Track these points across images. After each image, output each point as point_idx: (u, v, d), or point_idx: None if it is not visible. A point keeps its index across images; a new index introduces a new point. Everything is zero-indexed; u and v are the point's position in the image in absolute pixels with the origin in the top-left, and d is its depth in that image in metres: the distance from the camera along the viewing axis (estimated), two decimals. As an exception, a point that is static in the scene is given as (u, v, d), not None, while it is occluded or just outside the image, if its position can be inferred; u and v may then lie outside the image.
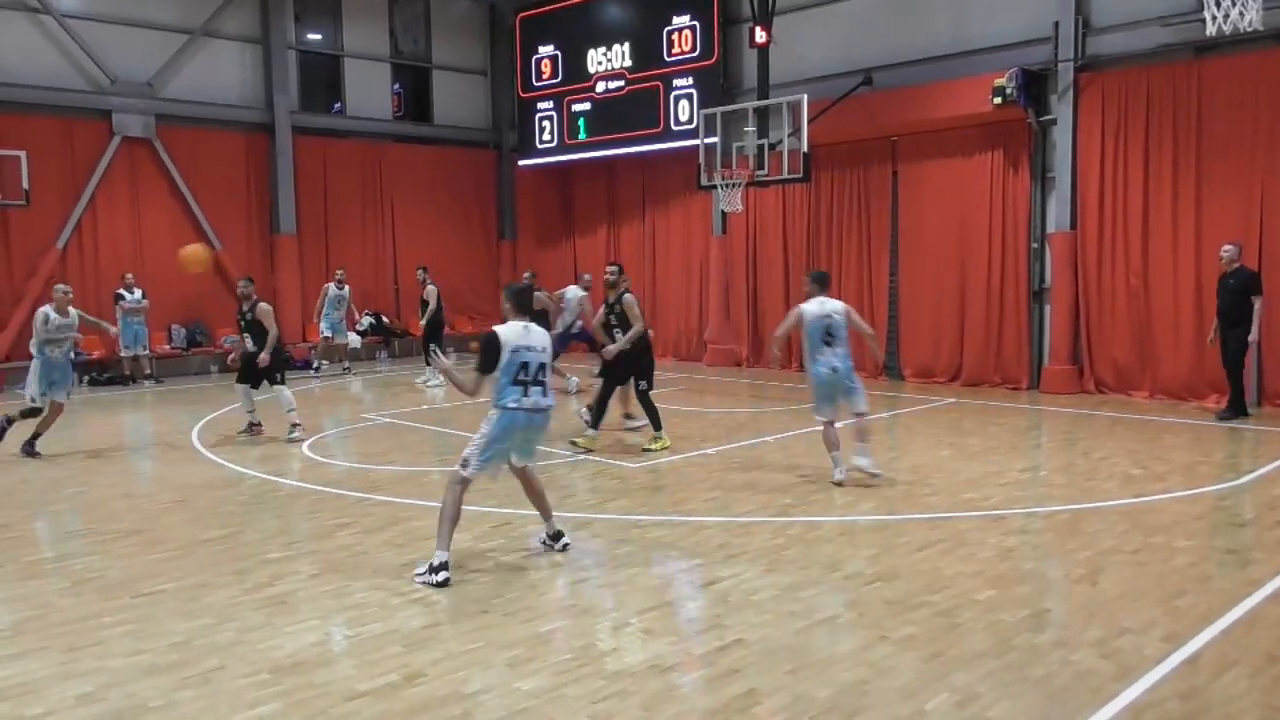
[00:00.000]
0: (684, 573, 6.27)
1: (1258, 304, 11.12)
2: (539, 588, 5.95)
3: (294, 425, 10.86)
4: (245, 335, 10.89)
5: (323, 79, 20.12)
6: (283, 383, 10.96)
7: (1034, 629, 5.16)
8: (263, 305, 10.91)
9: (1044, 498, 8.05)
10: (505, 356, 6.08)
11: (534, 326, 6.29)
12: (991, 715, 4.18)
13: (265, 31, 18.44)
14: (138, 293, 16.17)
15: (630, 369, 10.21)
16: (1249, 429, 10.89)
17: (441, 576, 5.90)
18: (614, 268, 10.33)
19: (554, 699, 4.38)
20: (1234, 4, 6.84)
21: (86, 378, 16.16)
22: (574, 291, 14.23)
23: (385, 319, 20.25)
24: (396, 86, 20.96)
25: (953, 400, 13.42)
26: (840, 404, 8.51)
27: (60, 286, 10.65)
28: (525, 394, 6.13)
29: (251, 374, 10.93)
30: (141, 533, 7.25)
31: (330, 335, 17.61)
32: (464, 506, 6.21)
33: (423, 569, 6.02)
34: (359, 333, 19.66)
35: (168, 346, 17.39)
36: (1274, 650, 4.83)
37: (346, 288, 17.72)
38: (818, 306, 8.47)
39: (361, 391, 15.88)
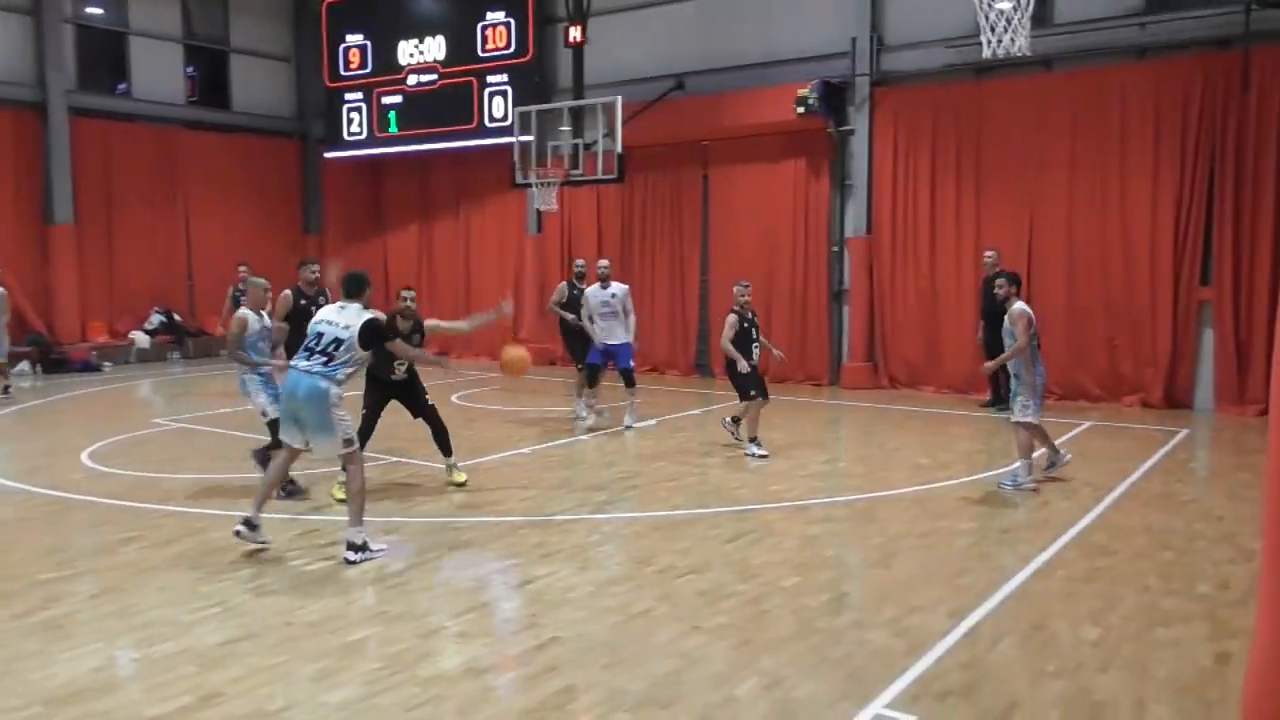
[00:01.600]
0: (499, 573, 6.23)
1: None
2: (348, 595, 5.76)
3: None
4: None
5: (105, 57, 18.66)
6: None
7: (834, 612, 5.44)
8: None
9: (843, 488, 8.49)
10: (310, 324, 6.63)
11: (352, 308, 6.57)
12: (796, 696, 4.38)
13: (37, 1, 16.96)
14: None
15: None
16: (1022, 420, 11.85)
17: (238, 528, 6.40)
18: (410, 292, 8.46)
19: (366, 709, 4.26)
20: (1007, 30, 7.43)
21: None
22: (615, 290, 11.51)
23: (177, 317, 19.02)
24: (190, 69, 19.73)
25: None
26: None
27: (258, 280, 8.38)
28: (307, 358, 6.42)
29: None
30: (-109, 553, 6.52)
31: None
32: (270, 515, 5.91)
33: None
34: (147, 332, 18.42)
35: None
36: (1040, 620, 5.29)
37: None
38: (1030, 309, 8.21)
39: (151, 394, 14.89)
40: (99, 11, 18.50)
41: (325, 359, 6.34)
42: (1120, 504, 7.75)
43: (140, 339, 18.23)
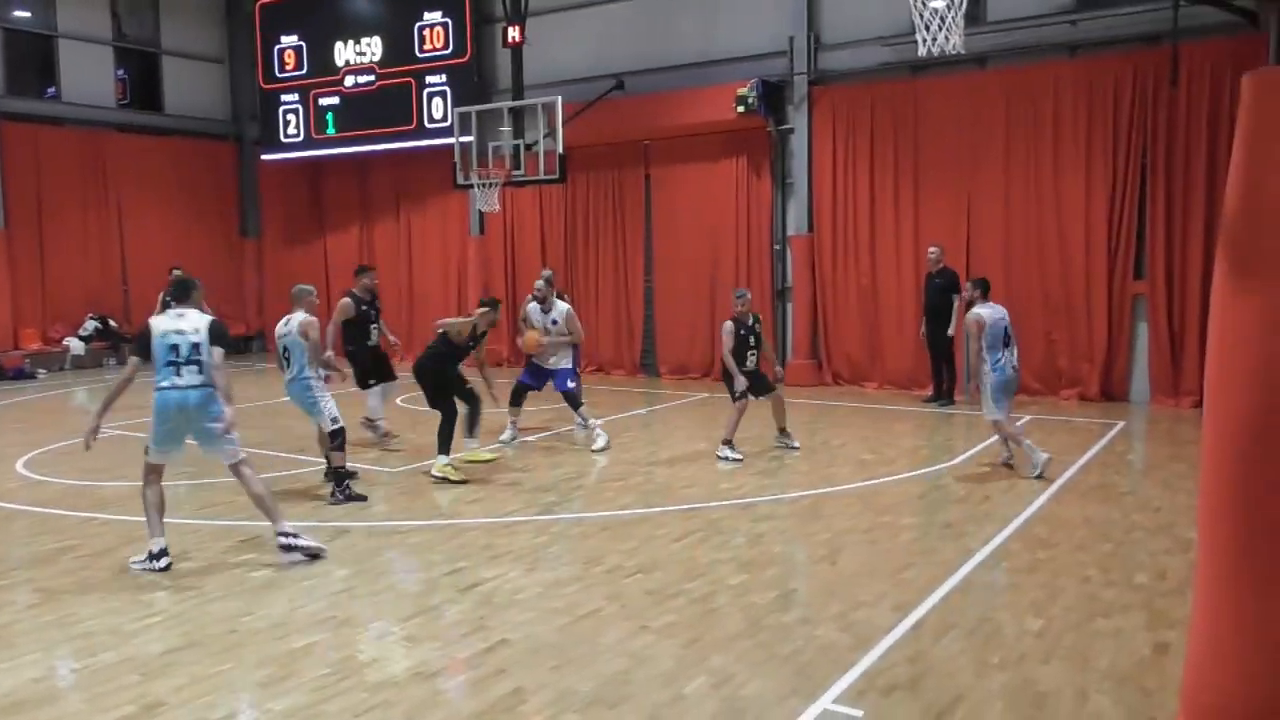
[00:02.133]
0: (447, 576, 6.17)
1: (957, 301, 12.23)
2: (294, 602, 5.67)
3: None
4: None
5: (34, 60, 18.18)
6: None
7: (782, 609, 5.48)
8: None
9: (789, 485, 8.56)
10: (154, 341, 6.26)
11: (189, 312, 6.37)
12: (745, 693, 4.41)
13: (-40, 3, 16.48)
14: None
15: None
16: (961, 414, 12.05)
17: (164, 562, 6.15)
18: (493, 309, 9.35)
19: (312, 716, 4.20)
20: (941, 28, 7.55)
21: None
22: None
23: (113, 322, 18.57)
24: (121, 71, 19.28)
25: (706, 395, 13.98)
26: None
27: (308, 287, 8.43)
28: (178, 374, 6.21)
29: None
30: None
31: None
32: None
33: (141, 558, 6.19)
34: (82, 338, 17.97)
35: None
36: (985, 612, 5.38)
37: None
38: (991, 311, 8.65)
39: (87, 401, 14.52)
40: (26, 15, 18.00)
41: (196, 366, 6.20)
42: (1060, 496, 7.92)
43: (75, 345, 17.80)
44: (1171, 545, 6.56)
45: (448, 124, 15.97)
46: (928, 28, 7.64)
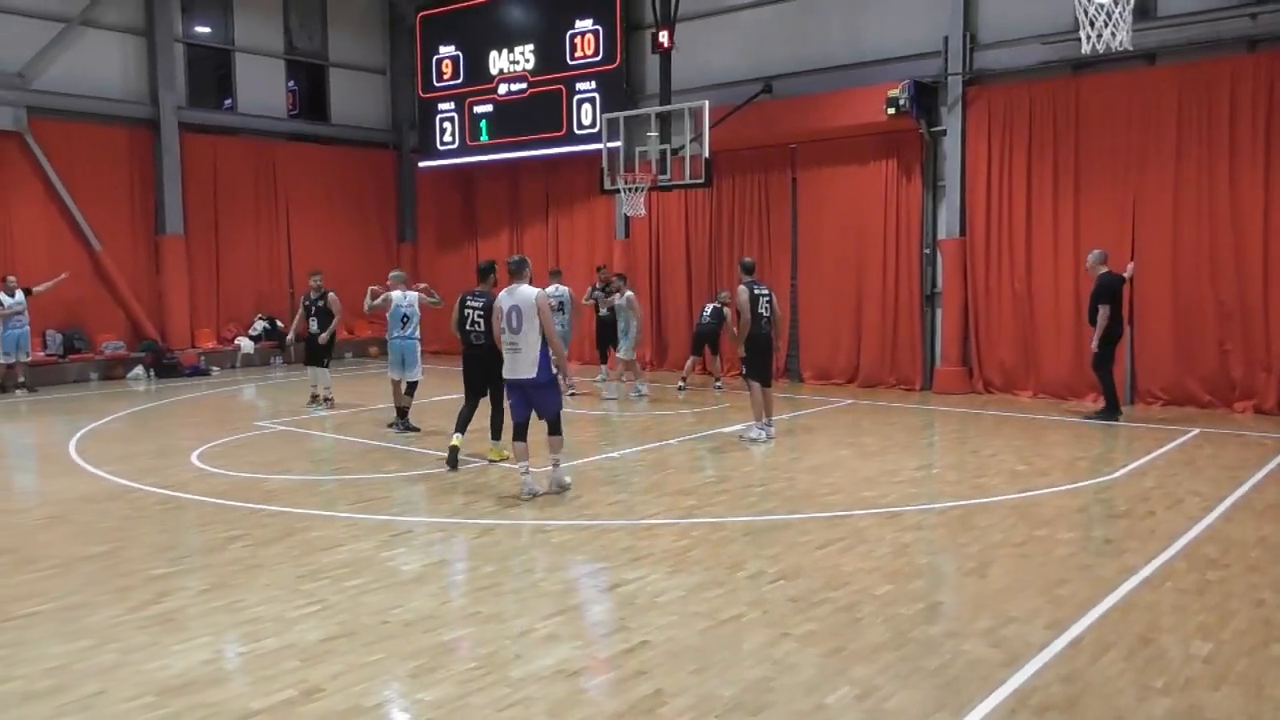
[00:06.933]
0: (589, 576, 6.27)
1: (1102, 311, 11.42)
2: (441, 596, 5.87)
3: (327, 400, 13.29)
4: (312, 319, 13.02)
5: (212, 74, 19.49)
6: (327, 365, 13.31)
7: (928, 621, 5.33)
8: (331, 295, 13.02)
9: (937, 494, 8.31)
10: None
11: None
12: (889, 706, 4.30)
13: (150, 23, 17.76)
14: (19, 295, 15.26)
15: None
16: (1123, 426, 11.43)
17: None
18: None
19: (458, 708, 4.34)
20: (1107, 25, 7.19)
21: (-44, 386, 15.29)
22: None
23: (280, 324, 19.68)
24: (291, 83, 20.45)
25: (850, 401, 13.74)
26: None
27: (401, 273, 12.28)
28: None
29: (315, 355, 13.18)
30: (14, 551, 6.87)
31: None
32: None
33: None
34: (252, 338, 19.11)
35: (43, 353, 16.53)
36: (1146, 633, 5.09)
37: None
38: None
39: (255, 398, 15.42)
40: (207, 30, 19.30)
41: None
42: (1232, 515, 7.42)
43: (245, 345, 18.94)
44: (1362, 573, 6.05)
45: (596, 130, 16.26)
46: (1092, 24, 7.31)
